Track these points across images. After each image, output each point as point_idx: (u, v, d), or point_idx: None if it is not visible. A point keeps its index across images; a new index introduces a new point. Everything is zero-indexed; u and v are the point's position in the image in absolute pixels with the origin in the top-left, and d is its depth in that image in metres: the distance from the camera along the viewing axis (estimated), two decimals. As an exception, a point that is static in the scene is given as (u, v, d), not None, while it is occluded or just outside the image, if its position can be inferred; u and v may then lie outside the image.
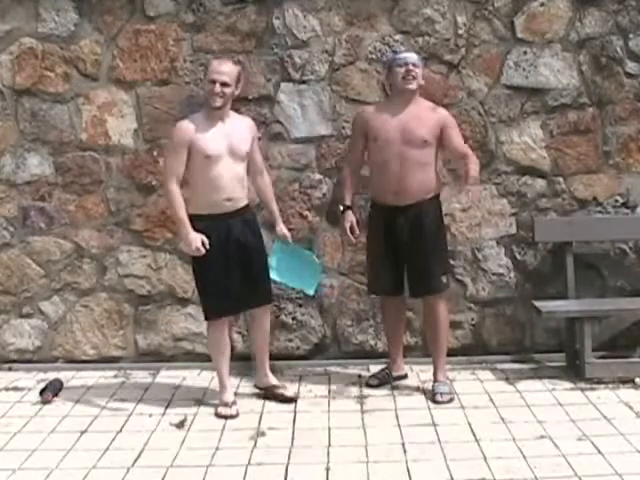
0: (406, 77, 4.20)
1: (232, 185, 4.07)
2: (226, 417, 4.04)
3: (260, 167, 4.35)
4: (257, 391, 4.41)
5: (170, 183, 4.02)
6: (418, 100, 4.30)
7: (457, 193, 4.55)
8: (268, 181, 4.42)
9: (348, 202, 4.43)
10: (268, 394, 4.32)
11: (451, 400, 4.23)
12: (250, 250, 4.15)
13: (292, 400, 4.25)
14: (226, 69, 4.06)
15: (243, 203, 4.17)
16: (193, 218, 4.02)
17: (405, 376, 4.59)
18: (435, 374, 4.41)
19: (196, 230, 3.99)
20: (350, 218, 4.37)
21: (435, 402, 4.21)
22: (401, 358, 4.59)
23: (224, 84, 4.02)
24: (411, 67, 4.20)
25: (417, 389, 4.42)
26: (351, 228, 4.37)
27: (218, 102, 4.03)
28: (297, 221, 4.85)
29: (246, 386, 4.48)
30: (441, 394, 4.26)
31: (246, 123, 4.25)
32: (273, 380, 4.36)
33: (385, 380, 4.51)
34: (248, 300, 4.20)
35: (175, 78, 4.83)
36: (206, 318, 4.19)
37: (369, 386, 4.47)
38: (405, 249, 4.29)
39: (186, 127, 4.05)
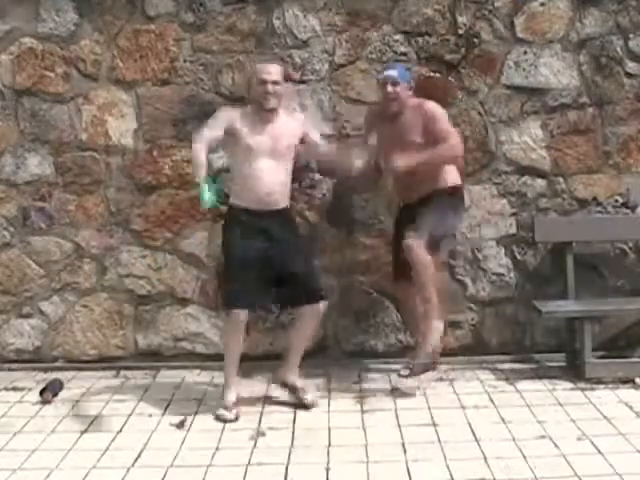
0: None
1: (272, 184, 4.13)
2: (225, 421, 4.00)
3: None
4: (258, 391, 4.41)
5: (196, 142, 4.09)
6: None
7: None
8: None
9: None
10: (290, 392, 4.28)
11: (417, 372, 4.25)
12: (286, 249, 4.16)
13: (307, 407, 4.16)
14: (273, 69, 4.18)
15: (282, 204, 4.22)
16: (231, 206, 4.20)
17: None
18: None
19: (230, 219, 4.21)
20: None
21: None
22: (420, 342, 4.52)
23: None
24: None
25: (417, 389, 4.41)
26: None
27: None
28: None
29: (246, 386, 4.47)
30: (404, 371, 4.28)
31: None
32: (298, 382, 4.27)
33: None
34: (281, 298, 4.30)
35: (175, 78, 4.83)
36: (223, 306, 4.32)
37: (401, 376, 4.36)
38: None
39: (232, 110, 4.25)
